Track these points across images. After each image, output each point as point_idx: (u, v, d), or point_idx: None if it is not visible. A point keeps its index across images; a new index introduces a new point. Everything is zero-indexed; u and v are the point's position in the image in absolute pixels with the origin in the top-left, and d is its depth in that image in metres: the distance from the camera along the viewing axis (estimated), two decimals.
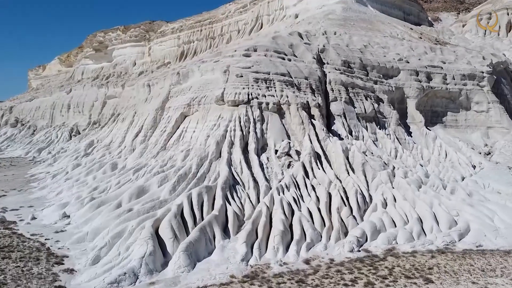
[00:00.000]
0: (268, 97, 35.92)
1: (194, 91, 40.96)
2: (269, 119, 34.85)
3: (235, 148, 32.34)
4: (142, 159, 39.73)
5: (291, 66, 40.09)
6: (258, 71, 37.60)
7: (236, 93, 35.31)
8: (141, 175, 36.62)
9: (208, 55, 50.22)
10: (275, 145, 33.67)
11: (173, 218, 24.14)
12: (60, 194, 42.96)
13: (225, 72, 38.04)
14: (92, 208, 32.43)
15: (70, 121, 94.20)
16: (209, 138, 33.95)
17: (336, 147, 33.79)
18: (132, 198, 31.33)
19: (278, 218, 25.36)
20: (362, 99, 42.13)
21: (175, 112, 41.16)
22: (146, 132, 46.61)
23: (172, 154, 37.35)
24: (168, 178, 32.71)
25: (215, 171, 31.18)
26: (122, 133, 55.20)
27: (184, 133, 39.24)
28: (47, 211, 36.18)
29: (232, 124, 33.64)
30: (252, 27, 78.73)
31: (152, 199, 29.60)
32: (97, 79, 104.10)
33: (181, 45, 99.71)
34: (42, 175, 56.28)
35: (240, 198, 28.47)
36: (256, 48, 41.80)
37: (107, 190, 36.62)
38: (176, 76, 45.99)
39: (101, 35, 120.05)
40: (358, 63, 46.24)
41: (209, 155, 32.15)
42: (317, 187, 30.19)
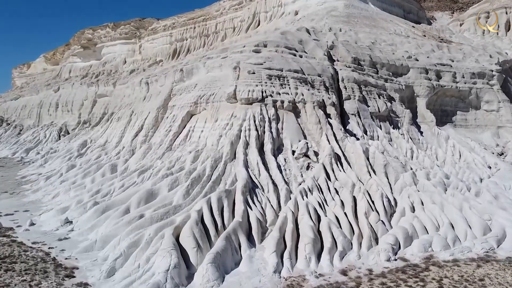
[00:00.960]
0: (283, 95, 33.99)
1: (201, 89, 38.87)
2: (285, 118, 32.93)
3: (251, 148, 30.38)
4: (146, 161, 37.51)
5: (303, 62, 38.23)
6: (271, 68, 35.65)
7: (250, 91, 33.30)
8: (147, 178, 34.46)
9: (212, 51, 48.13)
10: (291, 145, 31.79)
11: (195, 226, 22.09)
12: (56, 197, 40.64)
13: (235, 69, 36.01)
14: (96, 213, 30.22)
15: (58, 120, 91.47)
16: (222, 138, 31.91)
17: (356, 148, 32.04)
18: (141, 203, 29.19)
19: (306, 224, 23.48)
20: (375, 98, 40.52)
21: (181, 110, 39.00)
22: (147, 132, 44.39)
23: (179, 155, 35.23)
24: (179, 181, 30.62)
25: (230, 173, 29.18)
26: (119, 133, 52.87)
27: (191, 132, 37.14)
28: (46, 216, 33.88)
29: (247, 124, 31.63)
30: (249, 24, 76.73)
31: (164, 204, 27.49)
32: (86, 77, 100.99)
33: (173, 43, 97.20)
34: (34, 176, 53.71)
35: (261, 202, 26.51)
36: (266, 44, 39.83)
37: (110, 193, 34.38)
38: (179, 73, 43.80)
39: (90, 32, 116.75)
40: (368, 60, 44.63)
41: (223, 156, 30.12)
42: (341, 190, 28.39)
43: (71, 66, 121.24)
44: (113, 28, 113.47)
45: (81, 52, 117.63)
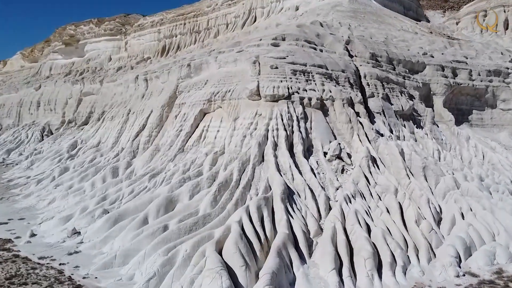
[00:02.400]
0: (309, 92, 31.25)
1: (214, 85, 35.82)
2: (313, 116, 30.20)
3: (281, 150, 27.54)
4: (156, 163, 34.28)
5: (325, 57, 35.59)
6: (294, 62, 32.87)
7: (274, 87, 30.44)
8: (159, 183, 31.31)
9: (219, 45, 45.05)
10: (322, 146, 29.08)
11: (240, 240, 19.18)
12: (52, 203, 37.19)
13: (254, 63, 33.10)
14: (108, 223, 27.00)
15: (40, 119, 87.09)
16: (246, 139, 28.96)
17: (392, 149, 29.55)
18: (160, 212, 26.08)
19: (361, 235, 20.81)
20: (397, 95, 38.17)
21: (192, 109, 35.87)
22: (151, 132, 41.07)
23: (194, 158, 32.16)
24: (200, 187, 27.59)
25: (260, 178, 26.28)
26: (115, 133, 49.35)
27: (205, 132, 34.09)
28: (47, 226, 30.49)
29: (274, 123, 28.77)
30: (245, 20, 73.79)
31: (190, 213, 24.43)
32: (70, 74, 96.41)
33: (162, 39, 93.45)
34: (22, 180, 49.85)
35: (300, 210, 23.72)
36: (284, 37, 37.02)
37: (119, 200, 31.11)
38: (186, 68, 40.62)
39: (72, 28, 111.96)
40: (385, 56, 42.27)
41: (250, 159, 27.18)
42: (384, 196, 25.84)
43: (52, 63, 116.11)
44: (97, 24, 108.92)
45: (62, 48, 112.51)
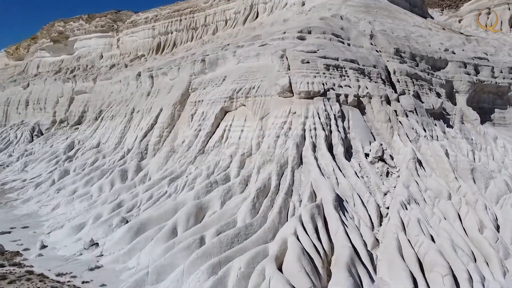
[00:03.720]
0: (345, 88, 28.85)
1: (235, 81, 33.17)
2: (350, 115, 27.82)
3: (320, 152, 25.06)
4: (174, 166, 31.49)
5: (355, 52, 33.27)
6: (326, 56, 30.43)
7: (309, 83, 27.94)
8: (181, 187, 28.58)
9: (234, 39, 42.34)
10: (363, 147, 26.70)
11: (302, 256, 16.65)
12: (56, 209, 34.23)
13: (282, 58, 30.58)
14: (130, 233, 24.22)
15: (29, 119, 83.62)
16: (280, 139, 26.37)
17: (436, 150, 27.32)
18: (190, 221, 23.39)
19: (431, 248, 18.42)
20: (427, 93, 36.02)
21: (212, 107, 33.16)
22: (161, 132, 38.23)
23: (218, 160, 29.51)
24: (232, 192, 24.99)
25: (301, 183, 23.76)
26: (118, 133, 46.33)
27: (227, 132, 31.44)
28: (57, 236, 27.60)
29: (311, 122, 26.27)
30: (246, 16, 71.11)
31: (227, 223, 21.79)
32: (60, 72, 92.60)
33: (156, 36, 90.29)
34: (17, 183, 46.60)
35: (353, 219, 21.29)
36: (310, 30, 34.56)
37: (137, 207, 28.31)
38: (200, 64, 37.86)
39: (61, 24, 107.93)
40: (408, 52, 40.07)
41: (289, 161, 24.64)
42: (437, 202, 23.54)
43: (39, 61, 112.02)
44: (87, 20, 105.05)
45: (50, 46, 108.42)
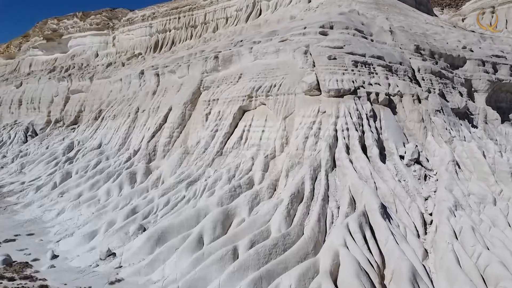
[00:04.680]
0: (375, 86, 27.17)
1: (252, 79, 31.33)
2: (381, 115, 26.14)
3: (355, 154, 23.33)
4: (190, 169, 29.55)
5: (380, 48, 31.61)
6: (353, 52, 28.71)
7: (338, 80, 26.19)
8: (200, 192, 26.68)
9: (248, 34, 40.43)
10: (397, 149, 25.01)
11: (360, 272, 14.86)
12: (62, 214, 32.21)
13: (305, 54, 28.83)
14: (150, 242, 22.30)
15: (23, 119, 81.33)
16: (309, 140, 24.59)
17: (473, 152, 25.73)
18: (217, 229, 21.53)
19: (492, 260, 16.75)
20: (451, 92, 34.48)
21: (229, 106, 31.29)
22: (172, 132, 36.30)
23: (238, 162, 27.66)
24: (260, 198, 23.19)
25: (337, 187, 22.01)
26: (122, 134, 44.29)
27: (246, 133, 29.58)
28: (68, 244, 25.59)
29: (342, 121, 24.52)
30: (249, 14, 69.13)
31: (260, 232, 19.94)
32: (54, 71, 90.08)
33: (154, 34, 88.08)
34: (15, 186, 44.41)
35: (398, 227, 19.58)
36: (332, 25, 32.85)
37: (153, 213, 26.37)
38: (213, 61, 35.96)
39: (54, 22, 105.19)
40: (428, 49, 38.48)
41: (322, 164, 22.87)
42: (483, 207, 21.94)
43: (32, 60, 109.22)
44: (82, 18, 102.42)
45: (43, 44, 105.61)
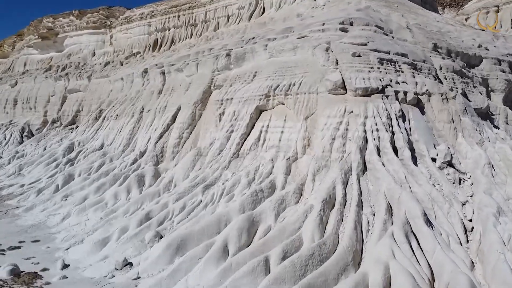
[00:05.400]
0: (402, 85, 25.82)
1: (269, 77, 29.87)
2: (410, 115, 24.80)
3: (387, 156, 21.93)
4: (205, 172, 27.99)
5: (403, 45, 30.31)
6: (378, 50, 27.34)
7: (364, 78, 24.77)
8: (218, 196, 25.19)
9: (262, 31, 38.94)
10: (428, 151, 23.66)
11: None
12: (67, 219, 30.59)
13: (327, 51, 27.44)
14: (169, 251, 20.75)
15: (18, 119, 79.46)
16: (336, 141, 23.18)
17: (507, 154, 24.46)
18: (242, 237, 20.06)
19: None
20: (472, 91, 33.23)
21: (244, 105, 29.79)
22: (181, 133, 34.76)
23: (257, 164, 26.19)
24: (286, 203, 21.76)
25: (370, 193, 20.63)
26: (126, 134, 42.62)
27: (264, 134, 28.10)
28: (78, 252, 23.98)
29: (372, 122, 23.11)
30: (251, 12, 67.73)
31: (292, 241, 18.43)
32: (50, 70, 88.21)
33: (153, 33, 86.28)
34: (14, 188, 42.56)
35: (441, 235, 18.19)
36: (352, 21, 31.48)
37: (168, 219, 24.86)
38: (225, 58, 34.45)
39: (50, 20, 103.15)
40: (445, 48, 37.17)
41: (352, 168, 21.46)
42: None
43: (26, 59, 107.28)
44: (78, 16, 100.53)
45: (38, 42, 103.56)
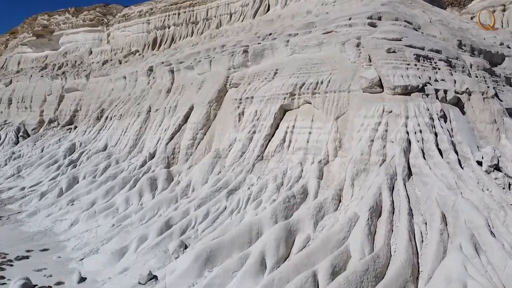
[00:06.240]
0: (441, 83, 24.17)
1: (293, 75, 28.07)
2: (451, 115, 23.16)
3: (433, 160, 20.21)
4: (228, 175, 26.11)
5: (435, 41, 28.72)
6: (413, 45, 25.68)
7: (403, 76, 23.09)
8: (244, 202, 23.39)
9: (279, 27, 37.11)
10: (472, 153, 22.03)
11: None
12: (75, 225, 28.76)
13: (357, 46, 25.74)
14: (198, 263, 18.88)
15: (13, 119, 77.28)
16: (376, 143, 21.48)
17: None
18: (280, 248, 18.28)
19: None
20: (502, 90, 31.71)
21: (267, 105, 27.95)
22: (195, 134, 32.91)
23: (284, 168, 24.41)
24: (325, 210, 20.00)
25: (418, 199, 18.89)
26: (132, 135, 40.67)
27: (289, 135, 26.29)
28: (94, 263, 22.10)
29: (414, 123, 21.38)
30: (256, 9, 65.98)
31: (340, 253, 16.73)
32: (46, 69, 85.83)
33: (152, 31, 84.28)
34: (15, 192, 40.60)
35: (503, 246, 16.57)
36: (380, 16, 29.78)
37: (191, 227, 23.02)
38: (242, 55, 32.64)
39: (45, 18, 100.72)
40: (469, 45, 35.56)
41: (397, 173, 19.73)
42: None
43: (20, 57, 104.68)
44: (74, 13, 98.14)
45: (33, 41, 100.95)
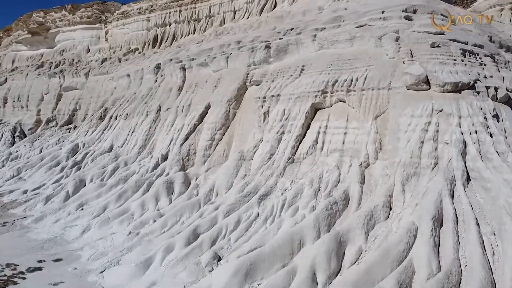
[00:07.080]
0: (490, 80, 22.48)
1: (324, 72, 26.18)
2: (503, 114, 21.46)
3: (492, 163, 18.42)
4: (256, 179, 24.19)
5: (474, 36, 27.08)
6: (457, 40, 23.98)
7: (452, 72, 21.34)
8: (278, 208, 21.51)
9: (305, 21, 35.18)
10: None
11: None
12: (87, 231, 26.70)
13: (396, 41, 23.98)
14: (238, 278, 17.01)
15: (9, 118, 75.06)
16: (426, 145, 19.66)
17: None
18: (331, 261, 16.45)
19: None
20: None
21: (296, 103, 26.04)
22: (213, 134, 30.93)
23: (319, 171, 22.57)
24: (375, 218, 18.16)
25: (482, 206, 17.12)
26: (141, 135, 38.54)
27: (322, 135, 24.41)
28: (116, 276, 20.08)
29: (468, 123, 19.62)
30: (262, 6, 64.15)
31: (404, 268, 14.94)
32: (43, 67, 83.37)
33: (152, 28, 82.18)
34: (17, 195, 38.27)
35: None
36: (415, 9, 28.03)
37: (222, 236, 21.11)
38: (263, 51, 30.71)
39: (41, 15, 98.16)
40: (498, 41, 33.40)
41: (456, 177, 17.95)
42: None
43: (15, 55, 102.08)
44: (71, 11, 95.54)
45: (28, 38, 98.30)
